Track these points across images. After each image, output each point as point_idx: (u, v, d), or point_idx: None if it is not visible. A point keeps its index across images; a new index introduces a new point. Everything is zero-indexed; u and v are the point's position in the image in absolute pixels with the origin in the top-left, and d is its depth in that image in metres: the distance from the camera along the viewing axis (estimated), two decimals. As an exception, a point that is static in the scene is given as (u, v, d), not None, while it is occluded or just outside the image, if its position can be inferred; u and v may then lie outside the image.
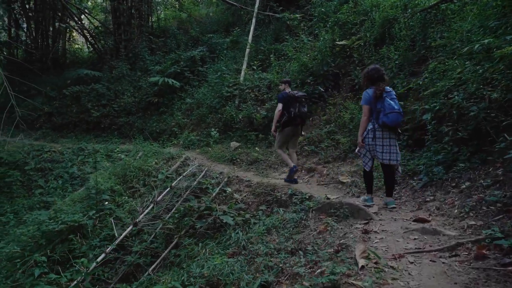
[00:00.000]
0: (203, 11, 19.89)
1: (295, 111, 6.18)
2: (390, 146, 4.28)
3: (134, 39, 15.93)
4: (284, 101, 6.27)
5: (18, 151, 11.68)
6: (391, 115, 4.11)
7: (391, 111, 4.11)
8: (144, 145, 10.05)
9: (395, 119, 4.14)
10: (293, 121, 6.21)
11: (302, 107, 6.28)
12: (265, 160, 8.12)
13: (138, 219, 4.72)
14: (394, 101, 4.22)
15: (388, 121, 4.13)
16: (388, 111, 4.12)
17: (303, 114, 6.30)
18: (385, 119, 4.14)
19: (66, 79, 15.24)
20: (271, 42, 12.37)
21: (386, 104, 4.16)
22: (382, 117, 4.17)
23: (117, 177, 7.89)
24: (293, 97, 6.29)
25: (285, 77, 9.88)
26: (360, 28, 9.38)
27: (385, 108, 4.15)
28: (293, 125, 6.26)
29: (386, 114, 4.13)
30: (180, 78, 13.21)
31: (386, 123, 4.15)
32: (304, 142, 8.16)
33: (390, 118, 4.12)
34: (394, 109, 4.13)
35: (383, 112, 4.17)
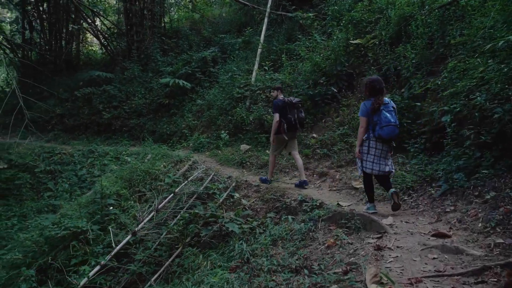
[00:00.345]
0: (216, 12, 19.72)
1: (294, 118, 6.25)
2: (380, 157, 4.36)
3: (146, 40, 15.86)
4: (280, 109, 6.27)
5: (29, 153, 11.68)
6: (386, 128, 4.17)
7: (387, 124, 4.17)
8: (153, 148, 9.89)
9: (391, 132, 4.21)
10: (294, 127, 6.30)
11: (299, 113, 6.37)
12: (276, 163, 7.82)
13: (137, 228, 4.51)
14: (391, 114, 4.25)
15: (383, 134, 4.19)
16: (384, 124, 4.18)
17: (301, 120, 6.40)
18: (381, 132, 4.20)
19: (78, 80, 15.25)
20: (284, 42, 12.08)
21: (383, 117, 4.20)
22: (378, 130, 4.22)
23: (124, 181, 7.72)
24: (290, 103, 6.31)
25: (297, 78, 9.59)
26: (375, 26, 9.02)
27: (381, 121, 4.20)
28: (293, 131, 6.37)
29: (382, 127, 4.18)
30: (192, 79, 13.04)
31: (382, 136, 4.21)
32: (316, 145, 7.85)
33: (386, 131, 4.18)
34: (390, 122, 4.18)
35: (379, 125, 4.21)
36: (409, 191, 5.06)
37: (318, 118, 8.61)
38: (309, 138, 8.17)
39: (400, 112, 6.54)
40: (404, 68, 7.23)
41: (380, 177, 4.48)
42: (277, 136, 6.35)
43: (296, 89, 9.27)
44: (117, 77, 14.70)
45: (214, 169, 7.64)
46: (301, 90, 9.06)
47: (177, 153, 9.12)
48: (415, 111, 6.49)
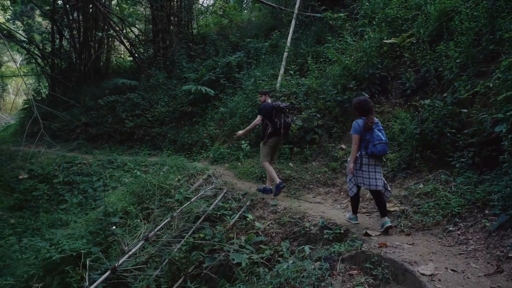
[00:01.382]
0: (245, 17, 19.20)
1: (280, 122, 6.21)
2: (376, 172, 4.50)
3: (172, 47, 15.52)
4: (266, 113, 6.28)
5: (50, 163, 11.51)
6: (379, 145, 4.37)
7: (379, 142, 4.38)
8: (170, 159, 9.34)
9: (383, 150, 4.43)
10: (278, 132, 6.23)
11: (286, 118, 6.32)
12: (299, 178, 7.03)
13: (118, 262, 3.82)
14: (382, 132, 4.50)
15: (376, 151, 4.38)
16: (376, 142, 4.38)
17: (287, 125, 6.35)
18: (374, 149, 4.38)
19: (104, 89, 15.11)
20: (312, 44, 11.25)
21: (375, 135, 4.41)
22: (371, 147, 4.39)
23: (134, 196, 7.19)
24: (278, 108, 6.29)
25: (325, 82, 8.76)
26: (411, 24, 8.05)
27: (374, 139, 4.40)
28: (278, 135, 6.29)
29: (375, 145, 4.37)
30: (215, 85, 12.49)
31: (375, 153, 4.39)
32: (344, 157, 6.97)
33: (379, 149, 4.38)
34: (382, 140, 4.42)
35: (372, 143, 4.40)
36: (455, 218, 4.11)
37: (347, 127, 7.72)
38: (337, 150, 7.31)
39: (442, 120, 5.60)
40: (446, 69, 6.26)
41: (375, 193, 4.59)
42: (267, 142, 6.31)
43: (324, 94, 8.44)
44: (141, 84, 14.41)
45: (230, 185, 6.94)
46: (329, 96, 8.22)
47: (195, 165, 8.50)
48: (461, 119, 5.53)
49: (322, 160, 7.47)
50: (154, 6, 15.45)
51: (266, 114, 6.30)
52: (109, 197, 7.55)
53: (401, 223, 4.46)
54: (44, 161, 11.90)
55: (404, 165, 5.98)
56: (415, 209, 4.68)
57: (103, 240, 5.87)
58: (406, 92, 7.11)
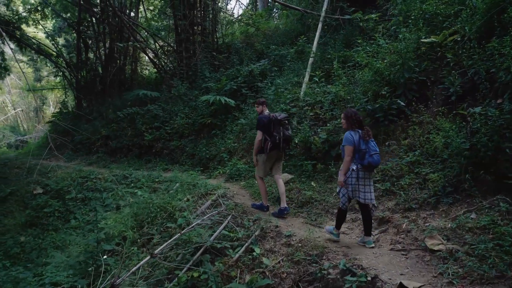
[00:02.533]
0: (272, 24, 18.47)
1: (279, 136, 5.70)
2: (370, 186, 4.43)
3: (195, 56, 14.97)
4: (265, 126, 5.75)
5: (65, 178, 11.08)
6: (375, 156, 4.29)
7: (375, 152, 4.30)
8: (183, 175, 8.58)
9: (378, 160, 4.35)
10: (278, 146, 5.72)
11: (286, 130, 5.80)
12: (321, 201, 6.03)
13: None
14: (374, 143, 4.41)
15: (373, 161, 4.28)
16: (372, 152, 4.29)
17: (288, 137, 5.83)
18: (371, 160, 4.28)
19: (126, 100, 14.71)
20: (341, 49, 10.25)
21: (370, 146, 4.33)
22: (368, 157, 4.29)
23: (136, 219, 6.43)
24: (275, 120, 5.75)
25: (354, 89, 7.75)
26: (454, 20, 6.92)
27: (370, 149, 4.31)
28: (277, 150, 5.76)
29: (372, 155, 4.27)
30: (237, 95, 11.71)
31: (372, 163, 4.29)
32: (376, 176, 5.90)
33: (375, 159, 4.28)
34: (377, 151, 4.34)
35: (368, 153, 4.30)
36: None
37: (379, 140, 6.64)
38: (367, 167, 6.24)
39: (498, 132, 4.49)
40: (501, 70, 5.13)
41: (365, 208, 4.50)
42: (261, 156, 5.85)
43: (353, 103, 7.42)
44: (163, 95, 13.89)
45: (241, 208, 6.03)
46: (358, 105, 7.20)
47: (206, 182, 7.67)
48: (523, 130, 4.40)
49: (349, 179, 6.42)
50: (177, 16, 14.99)
51: (263, 128, 5.76)
52: (109, 219, 6.85)
53: (449, 270, 3.37)
54: (60, 176, 11.50)
55: (449, 187, 4.86)
56: (468, 249, 3.58)
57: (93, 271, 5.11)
58: (450, 98, 5.98)
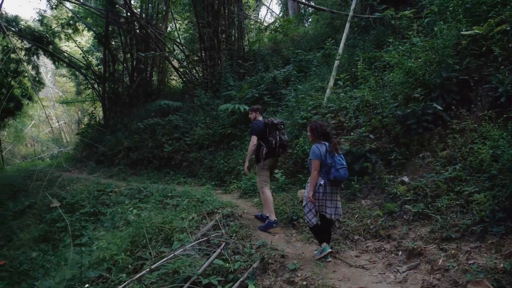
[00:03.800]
0: (301, 29, 17.68)
1: (276, 141, 5.49)
2: (337, 201, 4.31)
3: (220, 65, 14.42)
4: (260, 131, 5.60)
5: (82, 191, 10.75)
6: (342, 170, 4.15)
7: (341, 166, 4.16)
8: (194, 190, 7.89)
9: (345, 174, 4.18)
10: (274, 152, 5.52)
11: (282, 135, 5.58)
12: (340, 224, 5.07)
13: None
14: (341, 157, 4.26)
15: (339, 176, 4.14)
16: (339, 166, 4.15)
17: (284, 142, 5.63)
18: (337, 174, 4.13)
19: (150, 111, 14.37)
20: (371, 50, 9.24)
21: (336, 159, 4.19)
22: (334, 172, 4.15)
23: (132, 240, 5.77)
24: (271, 125, 5.60)
25: (382, 93, 6.74)
26: (502, 8, 5.79)
27: (336, 163, 4.17)
28: (274, 156, 5.59)
29: (338, 169, 4.14)
30: (259, 103, 10.93)
31: (338, 178, 4.15)
32: (406, 195, 4.89)
33: (341, 173, 4.14)
34: (343, 165, 4.19)
35: (334, 167, 4.15)
36: None
37: (412, 151, 5.62)
38: (396, 184, 5.23)
39: None
40: None
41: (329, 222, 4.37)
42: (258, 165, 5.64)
43: (381, 108, 6.42)
44: (185, 105, 13.41)
45: (246, 230, 5.21)
46: (387, 110, 6.21)
47: (216, 199, 6.91)
48: None
49: (375, 197, 5.43)
50: (201, 24, 14.55)
51: (259, 133, 5.59)
52: (103, 239, 6.25)
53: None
54: (77, 189, 11.20)
55: (500, 213, 3.79)
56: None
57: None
58: (499, 100, 4.88)
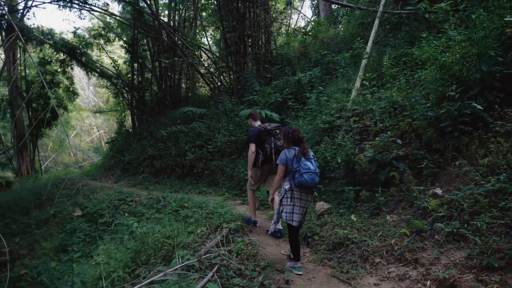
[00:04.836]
0: (331, 31, 16.97)
1: (271, 147, 5.34)
2: (305, 207, 4.23)
3: (245, 70, 13.98)
4: (256, 138, 5.47)
5: (104, 200, 10.58)
6: (306, 175, 4.03)
7: (306, 171, 4.05)
8: (209, 201, 7.41)
9: (310, 180, 4.04)
10: (270, 159, 5.33)
11: (277, 141, 5.37)
12: (360, 243, 4.36)
13: None
14: (311, 162, 4.16)
15: (303, 181, 4.02)
16: (303, 171, 4.04)
17: (280, 149, 5.25)
18: (300, 179, 4.03)
19: (176, 119, 14.14)
20: (402, 47, 8.43)
21: (302, 164, 4.09)
22: (298, 177, 4.05)
23: (134, 255, 5.34)
24: (265, 131, 5.45)
25: (413, 93, 5.97)
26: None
27: (301, 168, 4.07)
28: (270, 162, 5.36)
29: (301, 174, 4.03)
30: (283, 108, 10.38)
31: (301, 183, 4.03)
32: (438, 210, 4.12)
33: (305, 178, 4.02)
34: (310, 169, 4.07)
35: (298, 172, 4.06)
36: None
37: (446, 159, 4.82)
38: (427, 197, 4.46)
39: None
40: None
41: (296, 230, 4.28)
42: (254, 170, 5.54)
43: (413, 109, 5.66)
44: (210, 112, 13.04)
45: (252, 247, 4.62)
46: (417, 112, 5.44)
47: (228, 211, 6.38)
48: None
49: (402, 212, 4.68)
50: (226, 28, 14.22)
51: (255, 140, 5.43)
52: (104, 254, 5.87)
53: None
54: (100, 198, 11.07)
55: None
56: None
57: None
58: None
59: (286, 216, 4.18)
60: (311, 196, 4.27)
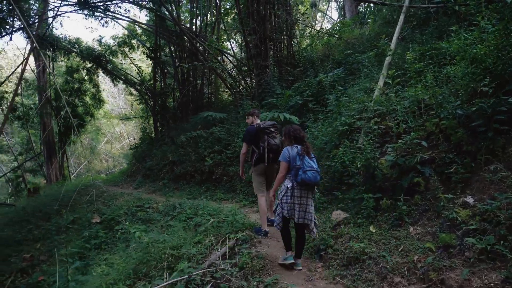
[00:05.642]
0: (356, 32, 16.36)
1: (264, 145, 5.37)
2: (307, 205, 4.15)
3: (267, 73, 13.61)
4: (250, 137, 5.58)
5: (122, 206, 10.45)
6: (309, 172, 4.01)
7: (309, 169, 4.03)
8: (223, 208, 7.06)
9: (313, 178, 4.02)
10: (263, 158, 5.38)
11: (271, 139, 5.39)
12: (378, 259, 3.85)
13: None
14: (313, 160, 4.17)
15: (306, 178, 4.00)
16: (307, 169, 4.02)
17: (274, 147, 5.39)
18: (304, 177, 4.00)
19: (197, 124, 13.94)
20: (430, 43, 7.80)
21: (306, 162, 4.08)
22: (301, 174, 4.02)
23: (136, 267, 5.04)
24: (259, 129, 5.46)
25: (447, 89, 5.38)
26: None
27: (304, 166, 4.06)
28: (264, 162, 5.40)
29: (305, 172, 4.01)
30: (303, 111, 9.92)
31: (305, 180, 4.00)
32: (470, 222, 3.56)
33: (309, 176, 3.99)
34: (313, 167, 4.07)
35: (302, 170, 4.04)
36: None
37: (479, 162, 4.22)
38: (457, 207, 3.89)
39: None
40: None
41: (299, 226, 4.26)
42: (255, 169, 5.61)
43: (440, 108, 5.08)
44: (230, 116, 12.75)
45: (260, 260, 4.20)
46: (445, 111, 4.87)
47: (238, 219, 5.98)
48: None
49: (427, 224, 4.12)
50: (246, 31, 13.92)
51: (250, 139, 5.57)
52: (106, 264, 5.61)
53: None
54: (119, 204, 10.96)
55: None
56: None
57: None
58: None
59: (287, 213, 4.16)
60: (312, 193, 4.22)
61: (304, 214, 4.11)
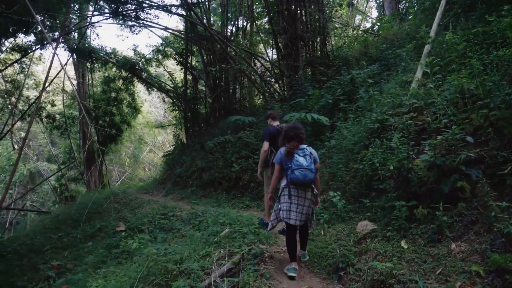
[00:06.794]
0: (395, 27, 15.30)
1: None
2: (304, 206, 4.05)
3: (298, 74, 12.93)
4: (270, 137, 5.52)
5: (147, 214, 10.15)
6: (297, 171, 3.89)
7: (298, 167, 3.92)
8: (237, 216, 6.45)
9: (302, 176, 3.88)
10: None
11: None
12: (409, 285, 3.04)
13: None
14: (305, 158, 3.99)
15: (294, 177, 3.91)
16: (294, 167, 3.93)
17: None
18: (292, 176, 3.93)
19: (227, 129, 13.49)
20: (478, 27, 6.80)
21: (294, 161, 3.97)
22: (290, 174, 3.96)
23: (132, 283, 4.53)
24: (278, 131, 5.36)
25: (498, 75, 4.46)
26: None
27: (293, 165, 3.96)
28: None
29: (293, 171, 3.93)
30: (334, 111, 9.13)
31: (293, 180, 3.93)
32: None
33: (296, 175, 3.89)
34: (302, 166, 3.92)
35: (290, 169, 3.97)
36: None
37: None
38: (491, 217, 3.00)
39: None
40: None
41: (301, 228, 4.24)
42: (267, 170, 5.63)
43: (487, 99, 4.17)
44: (259, 120, 12.17)
45: (266, 278, 3.53)
46: (496, 100, 3.96)
47: (253, 230, 5.32)
48: None
49: (474, 240, 3.25)
50: (276, 31, 13.34)
51: (270, 139, 5.48)
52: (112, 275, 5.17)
53: None
54: (144, 212, 10.68)
55: None
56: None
57: None
58: None
59: (283, 214, 4.08)
60: (311, 193, 4.08)
61: (300, 216, 4.01)
